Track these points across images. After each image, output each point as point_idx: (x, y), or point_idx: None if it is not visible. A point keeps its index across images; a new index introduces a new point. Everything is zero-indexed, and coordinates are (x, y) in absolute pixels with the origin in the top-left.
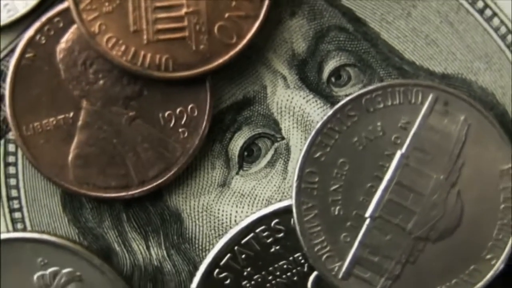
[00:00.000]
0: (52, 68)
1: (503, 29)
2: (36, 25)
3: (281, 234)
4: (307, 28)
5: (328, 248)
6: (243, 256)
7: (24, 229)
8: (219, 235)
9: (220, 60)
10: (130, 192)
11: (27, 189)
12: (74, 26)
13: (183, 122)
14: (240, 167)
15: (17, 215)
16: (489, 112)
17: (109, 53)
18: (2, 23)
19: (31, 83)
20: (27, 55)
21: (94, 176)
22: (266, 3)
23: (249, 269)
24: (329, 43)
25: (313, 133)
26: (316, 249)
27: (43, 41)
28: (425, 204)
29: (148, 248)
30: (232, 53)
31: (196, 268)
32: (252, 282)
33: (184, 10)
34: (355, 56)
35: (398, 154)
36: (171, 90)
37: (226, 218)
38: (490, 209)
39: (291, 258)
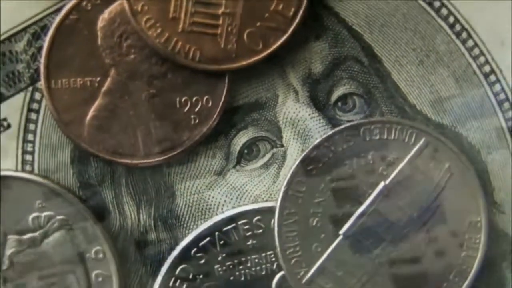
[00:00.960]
0: (90, 33)
1: (502, 95)
2: None
3: (260, 231)
4: (327, 53)
5: (299, 253)
6: (222, 242)
7: (31, 172)
8: (204, 218)
9: (243, 63)
10: (134, 161)
11: (42, 136)
12: (119, 1)
13: (196, 109)
14: (238, 162)
15: (28, 157)
16: (472, 166)
17: (146, 32)
18: None
19: (69, 42)
20: (71, 17)
21: (106, 139)
22: (296, 21)
23: (224, 255)
24: (343, 71)
25: (310, 147)
26: (288, 251)
27: (89, 8)
28: (396, 235)
29: (138, 214)
30: (255, 58)
31: (176, 243)
32: (224, 267)
33: (221, 10)
34: (364, 88)
35: (381, 184)
36: (192, 79)
37: (214, 205)
38: (452, 254)
39: (263, 254)
